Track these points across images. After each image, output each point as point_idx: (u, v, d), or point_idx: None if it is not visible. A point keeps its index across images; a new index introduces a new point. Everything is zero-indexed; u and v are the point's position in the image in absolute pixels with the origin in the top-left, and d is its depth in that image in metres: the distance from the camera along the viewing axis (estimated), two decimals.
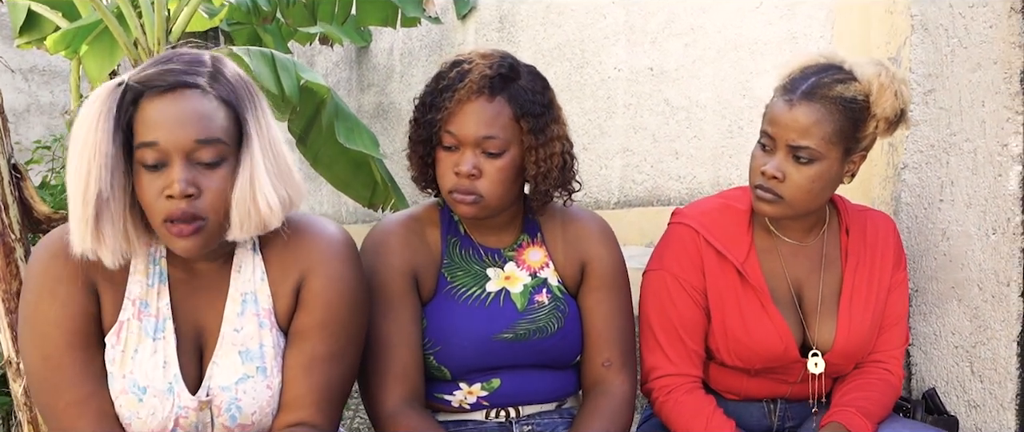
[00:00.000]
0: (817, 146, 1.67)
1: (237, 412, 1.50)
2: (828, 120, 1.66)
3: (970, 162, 2.03)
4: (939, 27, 2.10)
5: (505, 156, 1.67)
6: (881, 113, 1.68)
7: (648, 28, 3.41)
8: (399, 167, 4.63)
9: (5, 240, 2.20)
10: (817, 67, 1.72)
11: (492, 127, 1.65)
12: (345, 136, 3.59)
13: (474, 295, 1.76)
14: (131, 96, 1.38)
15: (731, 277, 1.82)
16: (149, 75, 1.40)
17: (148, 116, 1.38)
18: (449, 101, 1.65)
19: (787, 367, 1.85)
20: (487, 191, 1.67)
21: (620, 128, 3.56)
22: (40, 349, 1.46)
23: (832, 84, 1.67)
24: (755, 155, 1.76)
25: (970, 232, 2.03)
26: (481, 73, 1.66)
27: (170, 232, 1.40)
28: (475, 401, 1.77)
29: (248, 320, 1.53)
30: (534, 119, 1.68)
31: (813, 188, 1.71)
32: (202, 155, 1.39)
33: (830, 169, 1.70)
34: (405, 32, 4.93)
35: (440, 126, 1.67)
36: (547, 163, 1.70)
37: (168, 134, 1.37)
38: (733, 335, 1.82)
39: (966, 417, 2.07)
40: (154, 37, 3.34)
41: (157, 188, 1.38)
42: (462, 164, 1.66)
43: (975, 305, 2.03)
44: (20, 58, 6.45)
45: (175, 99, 1.39)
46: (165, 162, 1.38)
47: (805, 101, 1.67)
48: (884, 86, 1.67)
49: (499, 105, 1.66)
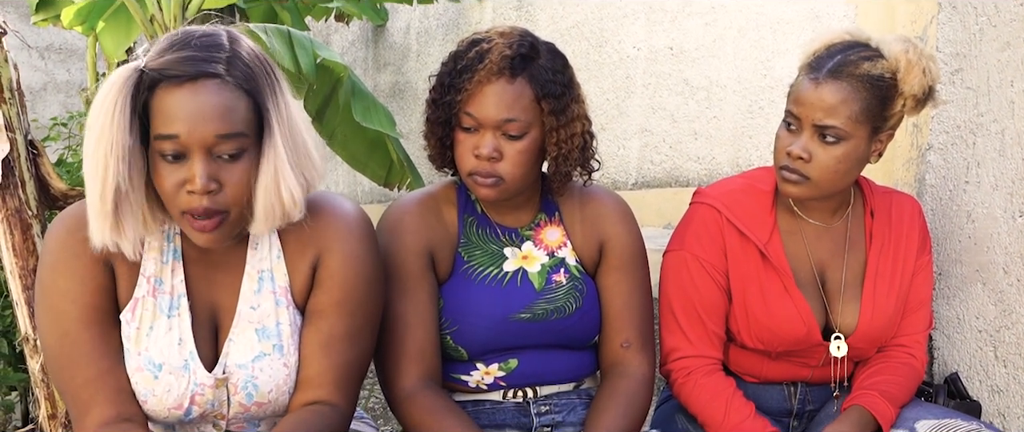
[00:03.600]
0: (844, 125, 1.64)
1: (253, 390, 1.50)
2: (855, 99, 1.63)
3: (997, 143, 2.00)
4: (967, 5, 2.06)
5: (526, 138, 1.65)
6: (909, 91, 1.65)
7: (668, 7, 3.38)
8: (415, 146, 4.62)
9: (22, 216, 2.20)
10: (843, 45, 1.69)
11: (513, 109, 1.62)
12: (361, 115, 3.58)
13: (491, 275, 1.75)
14: (148, 81, 1.36)
15: (754, 258, 1.80)
16: (167, 62, 1.36)
17: (167, 108, 1.35)
18: (468, 82, 1.62)
19: (809, 350, 1.83)
20: (508, 173, 1.65)
21: (639, 108, 3.53)
22: (57, 325, 1.46)
23: (859, 62, 1.64)
24: (780, 136, 1.74)
25: (996, 215, 2.00)
26: (501, 53, 1.62)
27: (191, 225, 1.39)
28: (492, 381, 1.77)
29: (265, 298, 1.52)
30: (555, 100, 1.65)
31: (840, 168, 1.68)
32: (223, 149, 1.37)
33: (857, 149, 1.67)
34: (422, 10, 4.90)
35: (459, 108, 1.64)
36: (568, 144, 1.68)
37: (189, 128, 1.34)
38: (755, 317, 1.80)
39: (989, 402, 2.05)
40: (170, 14, 3.33)
41: (176, 180, 1.37)
42: (482, 147, 1.63)
43: (1000, 289, 2.00)
44: (37, 36, 6.47)
45: (195, 91, 1.35)
46: (184, 154, 1.36)
47: (832, 79, 1.64)
48: (912, 63, 1.64)
49: (520, 87, 1.63)
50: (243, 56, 1.41)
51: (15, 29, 2.36)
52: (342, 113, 3.68)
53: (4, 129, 2.16)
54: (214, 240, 1.41)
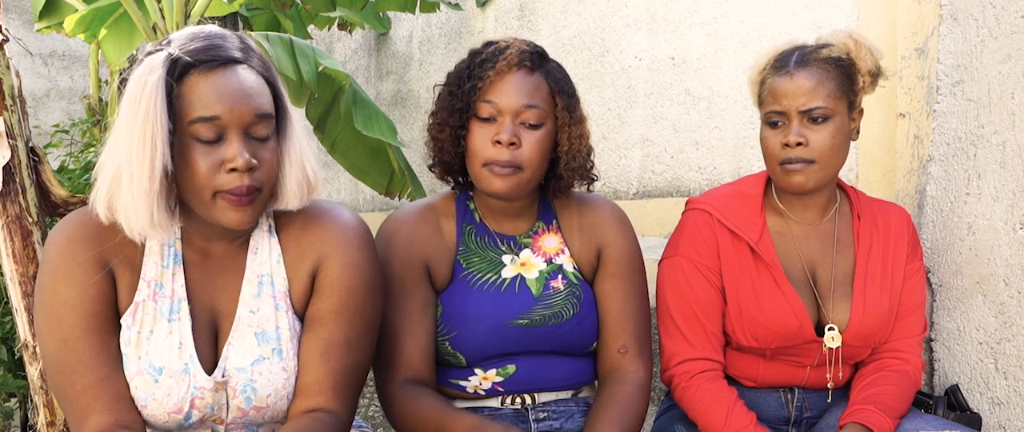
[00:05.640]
0: (826, 103, 1.75)
1: (252, 394, 1.50)
2: (828, 78, 1.76)
3: (998, 155, 2.00)
4: (969, 17, 2.07)
5: (542, 129, 1.70)
6: (864, 67, 1.79)
7: (670, 17, 3.38)
8: (417, 155, 4.63)
9: (23, 223, 2.20)
10: (792, 46, 1.83)
11: (533, 96, 1.69)
12: (363, 123, 3.58)
13: (489, 281, 1.76)
14: (180, 68, 1.39)
15: (745, 257, 1.84)
16: (197, 50, 1.40)
17: (202, 91, 1.39)
18: (489, 71, 1.68)
19: (803, 348, 1.84)
20: (526, 162, 1.69)
21: (640, 118, 3.53)
22: (56, 332, 1.46)
23: (816, 50, 1.79)
24: (767, 137, 1.81)
25: (996, 226, 2.00)
26: (520, 49, 1.70)
27: (227, 203, 1.41)
28: (490, 387, 1.77)
29: (264, 302, 1.53)
30: (568, 98, 1.72)
31: (835, 144, 1.77)
32: (258, 129, 1.42)
33: (843, 124, 1.78)
34: (424, 20, 4.91)
35: (478, 96, 1.69)
36: (578, 142, 1.73)
37: (229, 109, 1.39)
38: (748, 314, 1.82)
39: (989, 414, 2.04)
40: (173, 21, 3.33)
41: (211, 162, 1.39)
42: (502, 132, 1.67)
43: (1001, 300, 2.00)
44: (40, 43, 6.49)
45: (227, 74, 1.41)
46: (220, 136, 1.40)
47: (802, 68, 1.76)
48: (858, 43, 1.79)
49: (538, 79, 1.71)
50: (255, 47, 1.49)
51: (17, 36, 2.36)
52: (343, 121, 3.68)
53: (5, 136, 2.16)
54: (248, 219, 1.44)
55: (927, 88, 2.18)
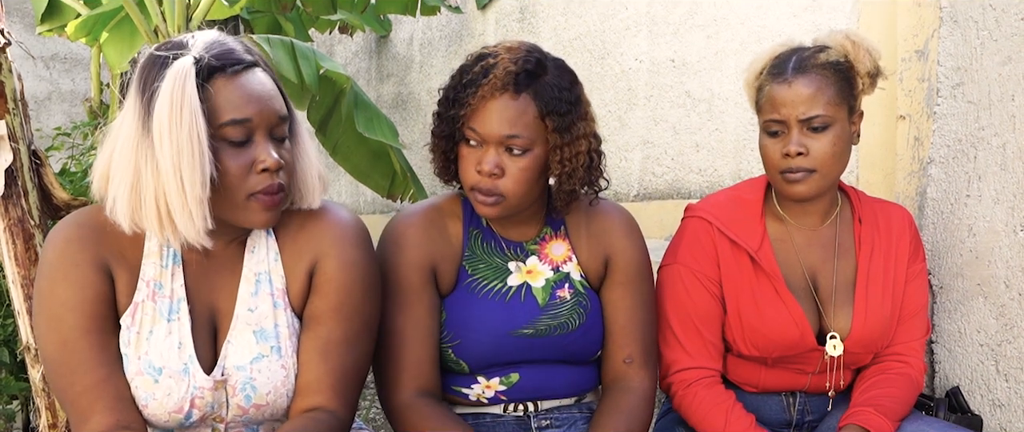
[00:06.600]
0: (826, 111, 1.71)
1: (252, 392, 1.50)
2: (827, 84, 1.72)
3: (999, 157, 2.00)
4: (969, 19, 2.07)
5: (528, 155, 1.63)
6: (863, 69, 1.76)
7: (670, 19, 3.38)
8: (418, 157, 4.63)
9: (24, 226, 2.20)
10: (788, 50, 1.79)
11: (516, 126, 1.60)
12: (364, 126, 3.58)
13: (494, 289, 1.74)
14: (204, 73, 1.40)
15: (745, 265, 1.82)
16: (220, 53, 1.42)
17: (231, 94, 1.41)
18: (472, 97, 1.61)
19: (804, 356, 1.83)
20: (509, 191, 1.63)
21: (640, 120, 3.53)
22: (56, 333, 1.46)
23: (814, 55, 1.75)
24: (767, 145, 1.78)
25: (997, 228, 2.00)
26: (506, 69, 1.60)
27: (261, 204, 1.44)
28: (493, 395, 1.76)
29: (262, 300, 1.53)
30: (560, 117, 1.62)
31: (836, 152, 1.74)
32: (280, 130, 1.46)
33: (844, 130, 1.75)
34: (425, 22, 4.92)
35: (463, 122, 1.63)
36: (572, 162, 1.65)
37: (258, 110, 1.42)
38: (748, 323, 1.81)
39: (990, 416, 2.04)
40: (174, 24, 3.34)
41: (243, 164, 1.42)
42: (484, 162, 1.61)
43: (1001, 303, 2.00)
44: (42, 45, 6.49)
45: (250, 77, 1.44)
46: (248, 139, 1.42)
47: (800, 75, 1.73)
48: (856, 44, 1.75)
49: (524, 103, 1.60)
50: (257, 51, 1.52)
51: (19, 39, 2.36)
52: (345, 124, 3.68)
53: (7, 139, 2.17)
54: (276, 217, 1.48)
55: (927, 90, 2.19)
